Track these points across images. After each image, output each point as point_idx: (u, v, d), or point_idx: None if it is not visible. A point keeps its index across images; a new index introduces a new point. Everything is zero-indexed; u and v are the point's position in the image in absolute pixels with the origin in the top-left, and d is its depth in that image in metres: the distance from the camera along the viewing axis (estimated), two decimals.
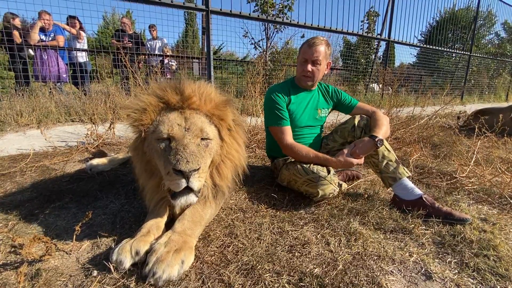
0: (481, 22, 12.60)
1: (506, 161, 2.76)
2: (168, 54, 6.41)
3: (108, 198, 1.78)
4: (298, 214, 1.63)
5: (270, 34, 6.43)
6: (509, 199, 1.86)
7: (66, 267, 1.13)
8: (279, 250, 1.27)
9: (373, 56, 8.44)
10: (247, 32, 6.27)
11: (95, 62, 7.14)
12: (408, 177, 1.73)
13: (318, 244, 1.33)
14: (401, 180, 1.71)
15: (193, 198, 1.22)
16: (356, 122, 1.89)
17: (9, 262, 1.14)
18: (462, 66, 10.86)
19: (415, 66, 10.54)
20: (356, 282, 1.08)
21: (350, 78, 8.44)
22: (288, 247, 1.30)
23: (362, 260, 1.22)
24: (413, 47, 9.20)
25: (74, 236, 1.21)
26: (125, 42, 5.91)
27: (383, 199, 1.83)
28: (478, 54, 11.29)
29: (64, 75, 5.27)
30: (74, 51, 5.44)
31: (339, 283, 1.07)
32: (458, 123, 4.63)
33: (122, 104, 4.14)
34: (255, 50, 6.53)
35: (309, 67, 1.87)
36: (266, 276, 1.09)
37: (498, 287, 1.11)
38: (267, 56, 6.39)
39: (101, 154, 2.57)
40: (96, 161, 2.24)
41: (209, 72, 4.74)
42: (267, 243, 1.32)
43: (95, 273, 1.09)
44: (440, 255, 1.29)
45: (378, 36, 7.81)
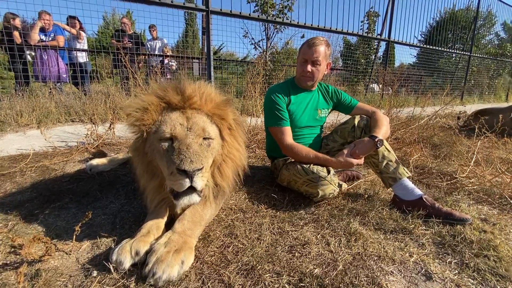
0: (481, 22, 12.60)
1: (506, 161, 2.76)
2: (168, 54, 6.42)
3: (108, 198, 1.78)
4: (298, 215, 1.63)
5: (270, 34, 6.43)
6: (509, 200, 1.86)
7: (66, 268, 1.13)
8: (279, 251, 1.27)
9: (373, 56, 8.45)
10: (247, 32, 6.27)
11: (95, 62, 7.15)
12: (408, 177, 1.73)
13: (318, 244, 1.33)
14: (401, 180, 1.71)
15: (196, 198, 1.22)
16: (356, 122, 1.89)
17: (9, 262, 1.14)
18: (462, 66, 10.86)
19: (415, 66, 10.54)
20: (356, 282, 1.08)
21: (350, 78, 8.44)
22: (288, 248, 1.30)
23: (362, 260, 1.22)
24: (413, 47, 9.21)
25: (74, 236, 1.21)
26: (125, 42, 5.92)
27: (383, 200, 1.83)
28: (478, 55, 11.30)
29: (64, 75, 5.27)
30: (74, 51, 5.45)
31: (339, 284, 1.07)
32: (458, 124, 4.63)
33: (123, 104, 4.15)
34: (255, 50, 6.54)
35: (309, 68, 1.87)
36: (266, 276, 1.09)
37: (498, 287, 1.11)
38: (267, 56, 6.38)
39: (101, 154, 2.58)
40: (96, 161, 2.24)
41: (209, 72, 4.74)
42: (267, 244, 1.32)
43: (95, 273, 1.08)
44: (440, 256, 1.29)
45: (378, 36, 7.82)
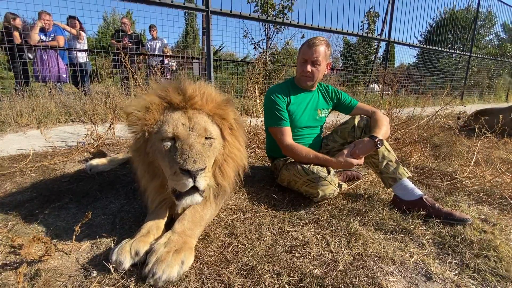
0: (481, 22, 12.61)
1: (506, 161, 2.75)
2: (168, 54, 6.42)
3: (107, 198, 1.78)
4: (298, 215, 1.63)
5: (270, 35, 6.43)
6: (509, 200, 1.86)
7: (65, 268, 1.12)
8: (279, 251, 1.26)
9: (373, 56, 8.45)
10: (247, 32, 6.27)
11: (95, 62, 7.15)
12: (408, 177, 1.73)
13: (318, 244, 1.33)
14: (401, 180, 1.71)
15: (198, 198, 1.21)
16: (356, 122, 1.89)
17: (8, 262, 1.14)
18: (462, 66, 10.86)
19: (415, 66, 10.54)
20: (356, 283, 1.08)
21: (350, 78, 8.44)
22: (288, 248, 1.30)
23: (362, 260, 1.22)
24: (413, 48, 9.21)
25: (74, 236, 1.20)
26: (124, 42, 5.92)
27: (383, 200, 1.83)
28: (478, 55, 11.30)
29: (64, 75, 5.27)
30: (74, 51, 5.45)
31: (339, 284, 1.07)
32: (458, 124, 4.63)
33: (123, 103, 4.14)
34: (255, 50, 6.54)
35: (308, 68, 1.87)
36: (266, 276, 1.09)
37: None
38: (267, 56, 6.38)
39: (101, 154, 2.58)
40: (96, 161, 2.23)
41: (209, 72, 4.74)
42: (267, 244, 1.32)
43: (95, 273, 1.08)
44: (440, 256, 1.29)
45: (378, 36, 7.82)
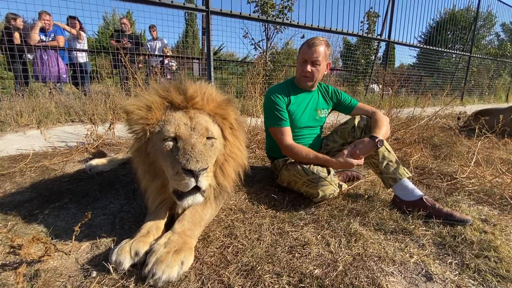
0: (481, 23, 12.61)
1: (506, 162, 2.75)
2: (168, 54, 6.42)
3: (107, 198, 1.78)
4: (298, 215, 1.62)
5: (270, 35, 6.43)
6: (509, 200, 1.86)
7: (65, 268, 1.12)
8: (279, 251, 1.26)
9: (373, 56, 8.45)
10: (247, 32, 6.27)
11: (95, 62, 7.15)
12: (408, 177, 1.73)
13: (318, 245, 1.33)
14: (401, 180, 1.71)
15: (200, 198, 1.21)
16: (356, 122, 1.89)
17: (8, 262, 1.13)
18: (462, 67, 10.87)
19: (415, 66, 10.54)
20: (356, 283, 1.08)
21: (350, 78, 8.44)
22: (288, 248, 1.29)
23: (363, 261, 1.22)
24: (413, 48, 9.21)
25: (74, 236, 1.20)
26: (124, 42, 5.92)
27: (384, 200, 1.83)
28: (478, 55, 11.30)
29: (64, 76, 5.27)
30: (74, 52, 5.45)
31: (339, 284, 1.07)
32: (458, 124, 4.63)
33: (125, 103, 4.13)
34: (255, 50, 6.54)
35: (308, 68, 1.87)
36: (266, 277, 1.09)
37: None
38: (267, 56, 6.38)
39: (100, 154, 2.57)
40: (95, 161, 2.23)
41: (209, 72, 4.74)
42: (267, 244, 1.31)
43: (94, 273, 1.08)
44: (440, 256, 1.29)
45: (378, 36, 7.82)
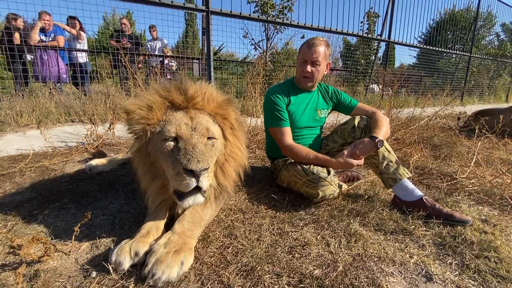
0: (481, 23, 12.61)
1: (506, 162, 2.75)
2: (168, 54, 6.42)
3: (107, 198, 1.78)
4: (298, 215, 1.62)
5: (270, 35, 6.43)
6: (509, 200, 1.86)
7: (65, 268, 1.12)
8: (279, 251, 1.26)
9: (373, 57, 8.45)
10: (247, 32, 6.27)
11: (95, 62, 7.15)
12: (408, 178, 1.73)
13: (318, 245, 1.33)
14: (401, 181, 1.71)
15: (200, 199, 1.21)
16: (356, 123, 1.89)
17: (7, 263, 1.13)
18: (462, 67, 10.87)
19: (415, 67, 10.55)
20: (356, 283, 1.08)
21: (350, 79, 8.44)
22: (288, 248, 1.29)
23: (363, 261, 1.22)
24: (413, 48, 9.21)
25: (73, 236, 1.20)
26: (124, 43, 5.92)
27: (384, 200, 1.83)
28: (478, 55, 11.30)
29: (64, 76, 5.27)
30: (74, 52, 5.45)
31: (339, 285, 1.07)
32: (458, 124, 4.63)
33: (125, 102, 4.13)
34: (255, 50, 6.54)
35: (308, 68, 1.87)
36: (266, 277, 1.09)
37: None
38: (267, 56, 6.38)
39: (100, 154, 2.57)
40: (95, 161, 2.23)
41: (209, 72, 4.74)
42: (267, 244, 1.31)
43: (94, 274, 1.08)
44: (440, 257, 1.29)
45: (378, 37, 7.82)
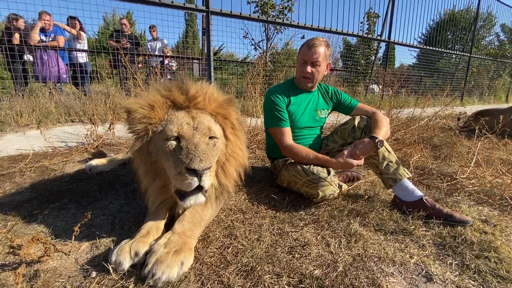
0: (481, 23, 12.61)
1: (506, 162, 2.75)
2: (168, 54, 6.42)
3: (107, 198, 1.78)
4: (298, 215, 1.62)
5: (270, 35, 6.44)
6: (509, 201, 1.86)
7: (64, 268, 1.12)
8: (279, 252, 1.26)
9: (373, 57, 8.45)
10: (247, 33, 6.28)
11: (95, 62, 7.15)
12: (408, 178, 1.73)
13: (318, 245, 1.33)
14: (401, 181, 1.71)
15: (202, 198, 1.21)
16: (356, 123, 1.89)
17: (7, 263, 1.13)
18: (462, 67, 10.87)
19: (415, 67, 10.55)
20: (356, 283, 1.08)
21: (350, 79, 8.44)
22: (288, 249, 1.29)
23: (363, 261, 1.22)
24: (413, 49, 9.21)
25: (73, 236, 1.20)
26: (123, 43, 5.92)
27: (384, 200, 1.83)
28: (478, 56, 11.31)
29: (64, 76, 5.27)
30: (74, 52, 5.45)
31: (339, 285, 1.07)
32: (458, 124, 4.63)
33: (126, 102, 4.13)
34: (255, 51, 6.55)
35: (308, 69, 1.87)
36: (266, 277, 1.09)
37: None
38: (267, 57, 6.39)
39: (100, 154, 2.57)
40: (95, 161, 2.23)
41: (209, 72, 4.74)
42: (267, 244, 1.31)
43: (94, 274, 1.08)
44: (440, 257, 1.29)
45: (378, 37, 7.82)
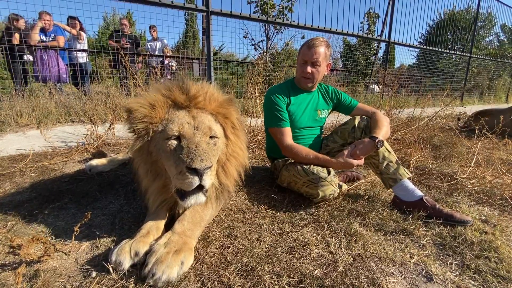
0: (481, 23, 12.62)
1: (506, 162, 2.75)
2: (168, 54, 6.42)
3: (107, 198, 1.78)
4: (298, 215, 1.62)
5: (270, 35, 6.44)
6: (510, 201, 1.86)
7: (64, 268, 1.12)
8: (279, 251, 1.26)
9: (373, 57, 8.45)
10: (248, 33, 6.28)
11: (95, 62, 7.15)
12: (408, 178, 1.73)
13: (318, 245, 1.33)
14: (401, 181, 1.71)
15: (202, 198, 1.21)
16: (356, 123, 1.89)
17: (7, 263, 1.13)
18: (462, 67, 10.87)
19: (415, 67, 10.55)
20: (356, 283, 1.08)
21: (350, 79, 8.45)
22: (288, 248, 1.29)
23: (363, 261, 1.22)
24: (413, 49, 9.21)
25: (73, 236, 1.20)
26: (123, 43, 5.92)
27: (384, 200, 1.82)
28: (478, 56, 11.31)
29: (64, 76, 5.27)
30: (74, 52, 5.45)
31: (340, 285, 1.07)
32: (458, 124, 4.63)
33: (127, 101, 4.14)
34: (255, 51, 6.55)
35: (308, 69, 1.87)
36: (266, 277, 1.08)
37: None
38: (267, 57, 6.39)
39: (100, 154, 2.57)
40: (95, 161, 2.23)
41: (209, 73, 4.74)
42: (267, 244, 1.31)
43: (94, 274, 1.08)
44: (441, 257, 1.29)
45: (378, 37, 7.82)
